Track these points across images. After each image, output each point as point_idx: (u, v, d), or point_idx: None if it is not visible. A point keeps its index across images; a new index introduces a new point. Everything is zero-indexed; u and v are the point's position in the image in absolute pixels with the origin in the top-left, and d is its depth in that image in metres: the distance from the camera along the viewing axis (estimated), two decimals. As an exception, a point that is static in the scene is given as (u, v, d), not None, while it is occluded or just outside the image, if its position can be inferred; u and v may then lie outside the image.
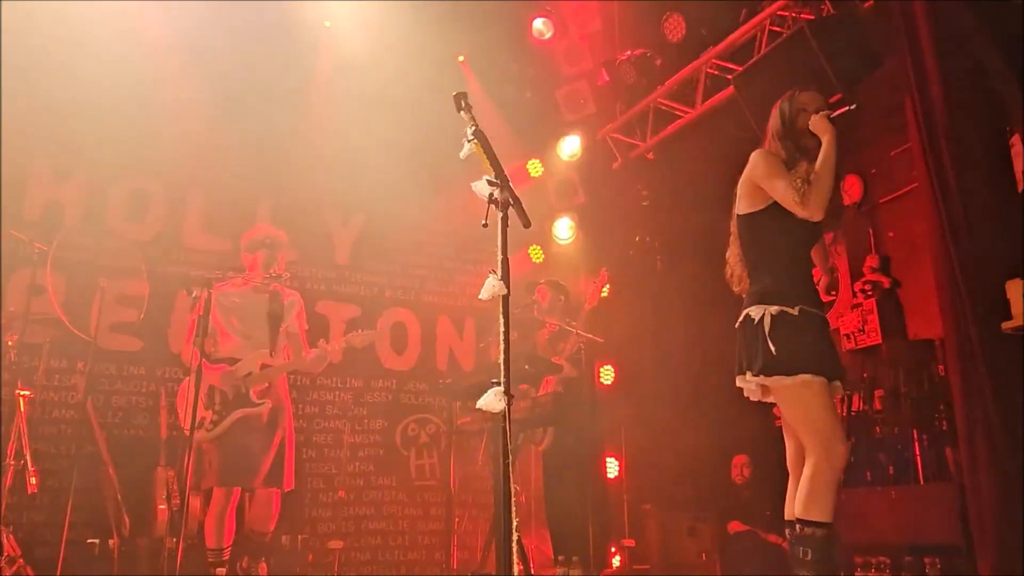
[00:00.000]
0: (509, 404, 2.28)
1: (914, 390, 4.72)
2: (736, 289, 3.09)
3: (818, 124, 2.91)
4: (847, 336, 5.50)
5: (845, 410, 5.11)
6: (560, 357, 5.25)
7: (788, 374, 2.78)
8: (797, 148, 2.99)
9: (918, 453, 4.48)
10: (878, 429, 4.91)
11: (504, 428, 2.26)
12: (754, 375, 2.84)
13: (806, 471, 2.78)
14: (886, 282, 5.47)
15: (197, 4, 5.92)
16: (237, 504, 4.38)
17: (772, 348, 2.78)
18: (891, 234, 5.70)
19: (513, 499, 2.23)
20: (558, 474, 5.28)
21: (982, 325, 3.78)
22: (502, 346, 2.34)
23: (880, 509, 4.35)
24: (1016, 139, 3.91)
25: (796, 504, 2.78)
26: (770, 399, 2.96)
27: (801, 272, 2.96)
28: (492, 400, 2.30)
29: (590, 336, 5.21)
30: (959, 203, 3.97)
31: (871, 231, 5.83)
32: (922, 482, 4.41)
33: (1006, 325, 3.68)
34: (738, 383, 2.97)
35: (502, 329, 2.35)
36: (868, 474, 4.76)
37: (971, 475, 3.83)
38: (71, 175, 5.59)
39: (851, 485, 4.72)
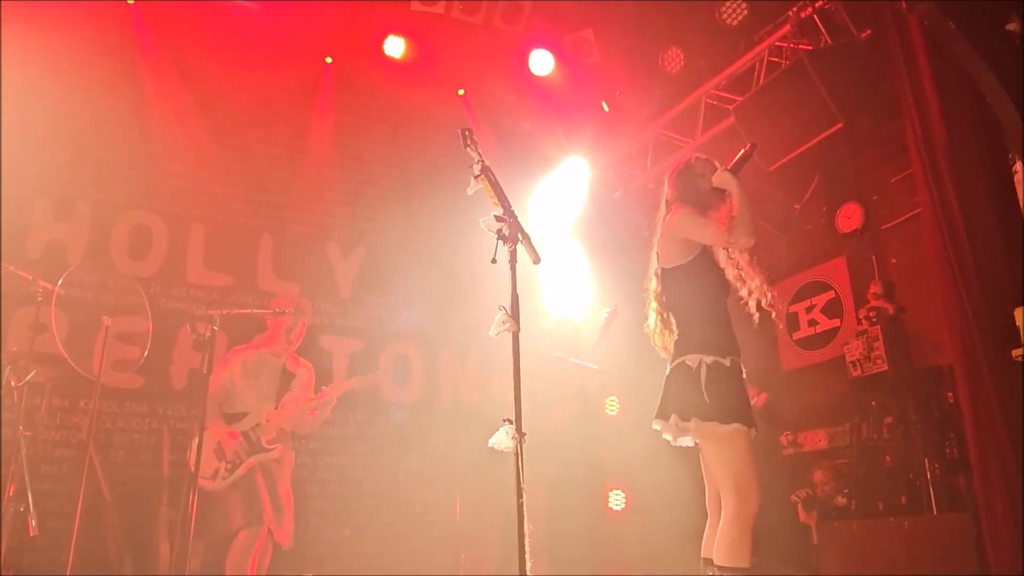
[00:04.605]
0: (521, 442, 2.25)
1: (924, 418, 4.68)
2: (661, 349, 3.33)
3: (722, 178, 3.26)
4: (852, 363, 5.45)
5: (852, 439, 5.07)
6: None
7: (723, 422, 2.99)
8: (700, 205, 3.31)
9: (930, 482, 4.42)
10: (888, 458, 4.85)
11: (517, 466, 2.23)
12: (683, 420, 3.04)
13: (724, 520, 2.99)
14: (891, 308, 5.43)
15: (197, 38, 6.00)
16: (261, 546, 4.39)
17: (706, 397, 2.99)
18: (894, 260, 5.69)
19: (527, 539, 2.19)
20: (564, 506, 5.22)
21: (992, 353, 3.76)
22: (513, 383, 2.32)
23: (894, 540, 4.28)
24: (1019, 165, 3.92)
25: (716, 553, 2.97)
26: (684, 443, 3.17)
27: (724, 322, 3.21)
28: (503, 438, 2.27)
29: (594, 367, 5.20)
30: (963, 230, 3.98)
31: (874, 257, 5.82)
32: (936, 512, 4.35)
33: (1016, 353, 3.66)
34: (656, 426, 3.17)
35: (513, 366, 2.33)
36: (880, 504, 4.69)
37: (986, 504, 3.79)
38: (72, 213, 5.59)
39: (864, 516, 4.65)
